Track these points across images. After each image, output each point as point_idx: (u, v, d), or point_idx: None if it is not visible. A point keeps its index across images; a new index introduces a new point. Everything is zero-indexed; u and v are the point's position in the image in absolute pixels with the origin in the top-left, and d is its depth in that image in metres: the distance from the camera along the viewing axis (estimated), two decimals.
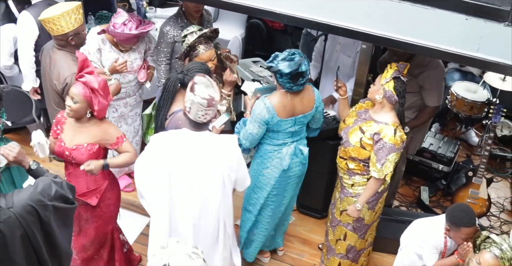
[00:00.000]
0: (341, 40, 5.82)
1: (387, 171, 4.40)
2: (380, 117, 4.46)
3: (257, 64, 6.28)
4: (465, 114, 6.54)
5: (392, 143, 4.35)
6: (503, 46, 3.74)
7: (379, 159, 4.39)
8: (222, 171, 3.94)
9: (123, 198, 4.92)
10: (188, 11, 5.43)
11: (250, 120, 4.51)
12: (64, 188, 3.46)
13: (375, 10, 3.96)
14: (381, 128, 4.39)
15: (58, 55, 4.75)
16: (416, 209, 6.18)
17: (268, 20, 7.56)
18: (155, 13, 7.49)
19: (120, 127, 5.63)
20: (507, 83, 6.15)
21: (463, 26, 3.77)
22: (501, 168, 6.92)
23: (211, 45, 4.76)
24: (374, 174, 4.44)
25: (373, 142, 4.41)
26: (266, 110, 4.43)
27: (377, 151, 4.39)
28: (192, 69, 4.36)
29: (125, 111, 5.64)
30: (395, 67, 4.33)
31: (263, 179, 4.79)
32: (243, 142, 4.59)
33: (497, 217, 6.18)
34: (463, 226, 4.04)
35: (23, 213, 3.23)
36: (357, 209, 4.57)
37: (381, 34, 4.02)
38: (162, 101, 4.43)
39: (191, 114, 3.89)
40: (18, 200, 3.27)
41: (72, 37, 4.68)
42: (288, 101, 4.50)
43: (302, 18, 4.21)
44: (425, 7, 3.82)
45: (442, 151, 6.37)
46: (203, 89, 3.83)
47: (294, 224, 5.82)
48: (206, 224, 4.08)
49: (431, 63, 5.18)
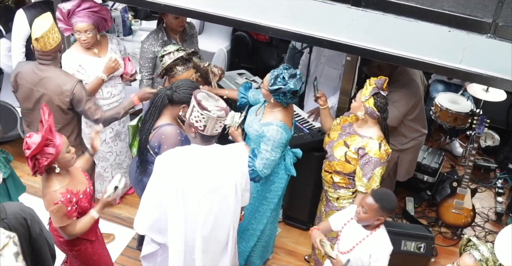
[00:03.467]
0: (326, 52, 5.84)
1: (374, 185, 4.40)
2: (364, 131, 4.46)
3: (242, 76, 6.29)
4: (449, 125, 6.59)
5: (377, 157, 4.35)
6: (486, 58, 3.79)
7: (365, 174, 4.39)
8: (235, 179, 3.89)
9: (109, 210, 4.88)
10: (171, 26, 5.43)
11: (271, 148, 4.44)
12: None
13: (359, 22, 4.00)
14: (366, 143, 4.39)
15: (50, 71, 4.65)
16: (401, 220, 6.20)
17: (253, 33, 7.58)
18: (140, 26, 7.50)
19: (116, 145, 5.64)
20: (490, 94, 6.20)
21: (446, 38, 3.81)
22: (485, 178, 6.96)
23: (189, 66, 4.73)
24: (361, 189, 4.44)
25: (358, 156, 4.42)
26: (284, 131, 4.45)
27: (363, 165, 4.40)
28: (181, 86, 4.34)
29: (119, 129, 5.62)
30: (373, 84, 4.31)
31: (270, 195, 4.82)
32: (264, 171, 4.52)
33: (481, 227, 6.21)
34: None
35: (16, 225, 3.22)
36: None
37: (365, 46, 4.06)
38: (148, 115, 4.41)
39: (207, 131, 3.77)
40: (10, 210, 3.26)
41: (60, 48, 4.64)
42: (290, 115, 4.57)
43: (287, 30, 4.24)
44: (408, 20, 3.87)
45: (427, 162, 6.40)
46: (212, 103, 3.76)
47: (280, 236, 5.81)
48: (217, 234, 4.02)
49: (401, 81, 5.17)
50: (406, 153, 5.50)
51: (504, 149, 7.04)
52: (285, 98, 4.39)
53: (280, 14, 4.19)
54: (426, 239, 5.39)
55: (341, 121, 4.70)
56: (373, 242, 3.94)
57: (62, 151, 3.72)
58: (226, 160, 3.89)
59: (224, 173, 3.87)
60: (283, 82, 4.31)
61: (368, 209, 3.86)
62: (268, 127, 4.46)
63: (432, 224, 6.13)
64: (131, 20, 7.41)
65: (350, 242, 4.02)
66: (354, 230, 4.03)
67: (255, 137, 4.57)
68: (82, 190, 3.98)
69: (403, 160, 5.54)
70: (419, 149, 5.71)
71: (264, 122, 4.51)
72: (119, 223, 5.73)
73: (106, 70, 5.16)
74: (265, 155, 4.47)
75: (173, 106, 4.37)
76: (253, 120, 4.65)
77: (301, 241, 5.81)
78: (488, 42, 3.73)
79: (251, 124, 4.65)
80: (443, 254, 5.79)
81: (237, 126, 4.53)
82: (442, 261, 5.66)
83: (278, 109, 4.52)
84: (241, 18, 4.31)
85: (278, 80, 4.32)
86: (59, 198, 3.75)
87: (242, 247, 5.12)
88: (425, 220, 6.20)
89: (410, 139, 5.46)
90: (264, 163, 4.48)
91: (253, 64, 7.59)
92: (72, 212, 3.84)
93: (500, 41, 3.71)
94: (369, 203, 3.85)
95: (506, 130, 7.30)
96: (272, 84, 4.33)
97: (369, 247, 3.94)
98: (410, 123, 5.38)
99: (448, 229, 6.09)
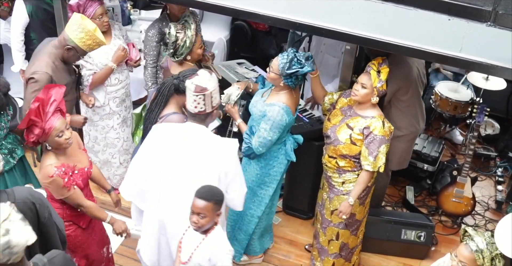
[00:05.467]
0: (326, 41, 5.84)
1: (380, 163, 4.45)
2: (366, 112, 4.52)
3: (241, 66, 6.28)
4: (449, 114, 6.58)
5: (382, 135, 4.42)
6: (486, 46, 3.77)
7: (371, 152, 4.44)
8: (219, 168, 3.92)
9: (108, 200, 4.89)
10: (173, 12, 5.42)
11: (270, 127, 4.49)
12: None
13: (359, 11, 3.98)
14: (370, 123, 4.45)
15: (46, 49, 4.63)
16: (401, 209, 6.20)
17: (253, 22, 7.56)
18: (139, 16, 7.48)
19: (123, 131, 5.68)
20: (490, 82, 6.19)
21: (446, 26, 3.79)
22: (485, 166, 6.96)
23: (194, 32, 4.84)
24: (368, 167, 4.48)
25: (363, 136, 4.47)
26: (286, 114, 4.48)
27: (368, 144, 4.45)
28: (187, 75, 4.35)
29: (126, 114, 5.66)
30: (385, 67, 4.39)
31: (269, 179, 4.85)
32: (260, 149, 4.58)
33: (482, 215, 6.21)
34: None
35: (24, 209, 3.24)
36: (350, 204, 4.58)
37: (364, 35, 4.04)
38: (154, 105, 4.44)
39: (187, 104, 3.95)
40: (19, 195, 3.29)
41: (69, 48, 4.52)
42: (295, 99, 4.58)
43: (286, 19, 4.22)
44: (407, 8, 3.84)
45: (426, 151, 6.39)
46: (198, 78, 3.88)
47: (280, 225, 5.83)
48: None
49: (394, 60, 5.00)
50: (398, 140, 5.30)
51: (504, 137, 7.04)
52: (297, 81, 4.45)
53: (279, 3, 4.18)
54: (426, 228, 5.41)
55: (340, 105, 4.72)
56: (209, 245, 3.68)
57: (51, 134, 3.82)
58: (215, 147, 3.97)
59: (210, 157, 3.94)
60: (299, 65, 4.35)
61: (206, 211, 3.56)
62: (271, 108, 4.50)
63: (432, 213, 6.14)
64: (130, 9, 7.39)
65: (188, 250, 3.78)
66: (191, 237, 3.78)
67: (258, 116, 4.61)
68: (79, 167, 4.07)
69: (394, 147, 5.32)
70: (412, 140, 5.58)
71: (268, 103, 4.56)
72: (120, 213, 5.73)
73: (116, 59, 5.21)
74: (263, 134, 4.51)
75: (179, 95, 4.37)
76: (258, 101, 4.70)
77: (301, 231, 5.82)
78: (488, 31, 3.71)
79: (255, 104, 4.70)
80: (443, 243, 5.80)
81: (233, 104, 4.68)
82: (443, 249, 5.67)
83: (284, 92, 4.55)
84: (240, 7, 4.30)
85: (293, 63, 4.35)
86: (54, 171, 3.89)
87: (240, 236, 5.14)
88: (425, 209, 6.21)
89: (402, 127, 5.33)
90: (261, 141, 4.53)
91: (252, 54, 7.58)
92: (70, 182, 3.96)
93: (500, 29, 3.69)
94: (201, 206, 3.55)
95: (506, 119, 7.28)
96: (288, 68, 4.36)
97: (206, 251, 3.68)
98: (402, 109, 5.28)
99: (448, 217, 6.10)
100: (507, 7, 3.64)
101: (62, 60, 4.64)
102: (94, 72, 5.21)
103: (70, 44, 4.50)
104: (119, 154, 5.75)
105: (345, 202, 4.63)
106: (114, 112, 5.50)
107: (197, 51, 4.88)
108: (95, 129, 5.54)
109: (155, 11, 7.26)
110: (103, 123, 5.53)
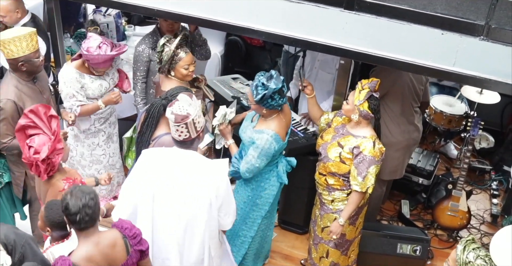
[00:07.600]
0: (320, 57, 5.84)
1: (368, 183, 4.42)
2: (358, 132, 4.50)
3: (236, 81, 6.29)
4: (443, 128, 6.60)
5: (371, 155, 4.38)
6: (479, 60, 3.80)
7: (360, 172, 4.41)
8: (209, 193, 3.85)
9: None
10: (161, 28, 5.44)
11: (257, 155, 4.45)
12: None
13: (353, 26, 4.00)
14: (360, 142, 4.43)
15: (6, 78, 4.69)
16: (397, 223, 6.20)
17: (247, 37, 7.58)
18: (134, 31, 7.48)
19: (109, 148, 5.65)
20: (484, 96, 6.21)
21: (439, 40, 3.82)
22: (480, 180, 6.97)
23: (187, 49, 4.81)
24: (356, 188, 4.45)
25: (352, 155, 4.44)
26: (274, 141, 4.44)
27: (357, 164, 4.42)
28: (175, 94, 4.31)
29: (111, 131, 5.64)
30: (366, 88, 4.35)
31: (261, 201, 4.80)
32: (246, 174, 4.55)
33: (477, 229, 6.21)
34: None
35: None
36: (340, 224, 4.57)
37: (358, 50, 4.06)
38: (145, 127, 4.41)
39: (171, 132, 3.90)
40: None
41: (23, 63, 4.57)
42: (284, 123, 4.53)
43: (280, 34, 4.24)
44: (401, 23, 3.87)
45: (421, 164, 6.40)
46: (178, 104, 3.83)
47: (276, 240, 5.81)
48: (190, 245, 4.01)
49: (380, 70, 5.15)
50: (390, 147, 5.21)
51: (499, 150, 7.05)
52: (275, 102, 4.36)
53: (273, 18, 4.20)
54: (422, 242, 5.40)
55: (334, 124, 4.71)
56: None
57: (62, 140, 3.93)
58: (204, 171, 3.89)
59: (199, 183, 3.87)
60: (264, 88, 4.30)
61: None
62: (259, 135, 4.46)
63: (428, 227, 6.13)
64: (124, 25, 7.39)
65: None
66: None
67: (248, 142, 4.57)
68: (79, 179, 4.13)
69: (386, 155, 5.35)
70: (405, 150, 5.56)
71: (257, 130, 4.52)
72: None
73: (107, 101, 5.19)
74: (251, 160, 4.48)
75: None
76: (248, 126, 4.65)
77: (297, 245, 5.81)
78: (481, 45, 3.74)
79: (244, 130, 4.65)
80: (439, 257, 5.79)
81: (227, 124, 4.64)
82: (438, 263, 5.66)
83: (271, 118, 4.51)
84: (235, 22, 4.31)
85: (259, 88, 4.31)
86: (63, 185, 3.92)
87: (233, 253, 5.11)
88: (420, 223, 6.20)
89: (395, 134, 5.34)
90: (248, 167, 4.50)
91: (246, 69, 7.58)
92: None
93: (493, 43, 3.72)
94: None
95: (501, 132, 7.31)
96: (256, 95, 4.32)
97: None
98: (393, 117, 5.29)
99: (443, 231, 6.10)
100: (499, 21, 3.66)
101: (27, 79, 4.67)
102: (82, 104, 5.14)
103: (19, 59, 4.53)
104: (105, 169, 5.71)
105: (335, 221, 4.62)
106: (99, 131, 5.49)
107: (181, 70, 4.75)
108: (82, 145, 5.52)
109: (150, 27, 7.24)
110: (89, 141, 5.51)
